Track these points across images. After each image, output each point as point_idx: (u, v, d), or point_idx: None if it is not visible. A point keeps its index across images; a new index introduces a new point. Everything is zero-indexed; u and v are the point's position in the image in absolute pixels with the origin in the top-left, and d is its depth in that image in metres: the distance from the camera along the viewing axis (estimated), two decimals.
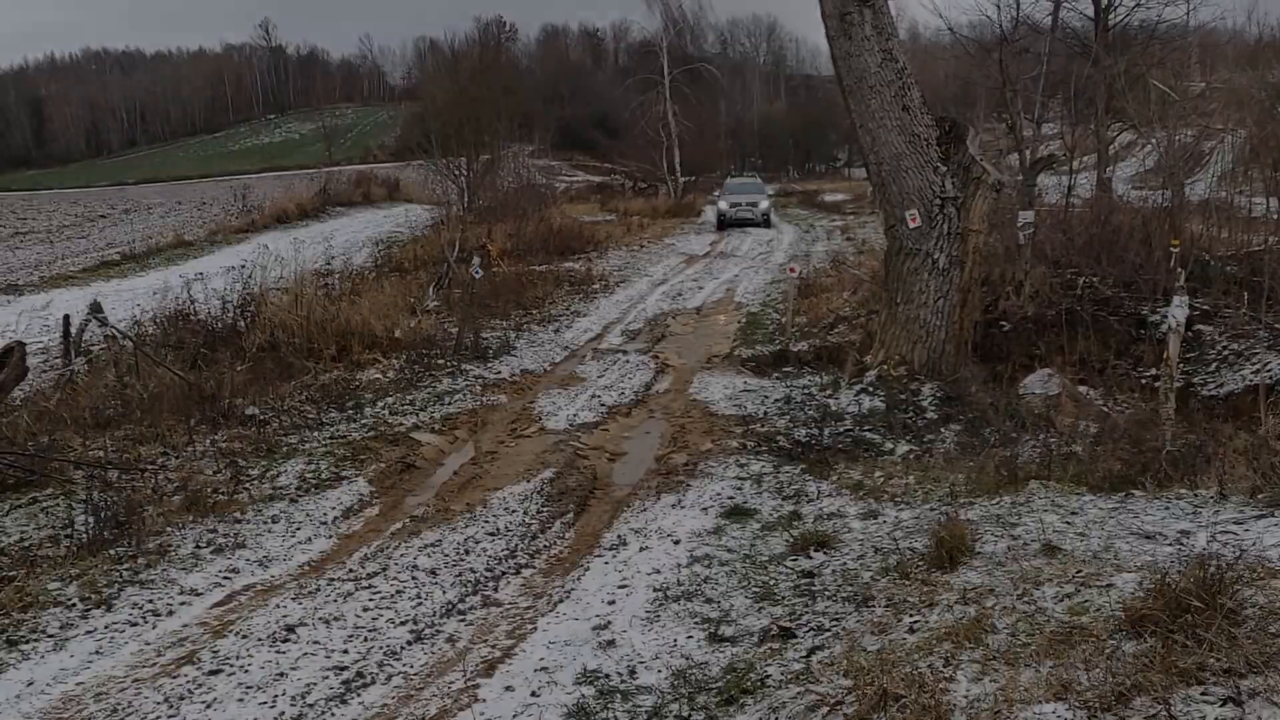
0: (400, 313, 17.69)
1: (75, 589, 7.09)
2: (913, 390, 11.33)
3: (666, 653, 5.39)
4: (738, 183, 43.14)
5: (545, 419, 12.10)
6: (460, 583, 7.06)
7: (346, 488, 9.56)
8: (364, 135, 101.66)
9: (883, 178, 11.56)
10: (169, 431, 11.04)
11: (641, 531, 7.80)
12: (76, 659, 6.15)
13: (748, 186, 41.75)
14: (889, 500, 7.58)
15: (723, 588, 6.23)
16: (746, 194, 39.85)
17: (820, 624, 5.24)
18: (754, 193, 40.26)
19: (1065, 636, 4.05)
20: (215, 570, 7.55)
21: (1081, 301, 15.15)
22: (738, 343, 16.20)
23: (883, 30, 11.26)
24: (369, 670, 5.76)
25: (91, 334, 14.35)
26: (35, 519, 8.54)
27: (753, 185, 42.35)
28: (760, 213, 38.55)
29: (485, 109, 35.85)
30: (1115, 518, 5.90)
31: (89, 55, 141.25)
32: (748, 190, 40.71)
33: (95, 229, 37.71)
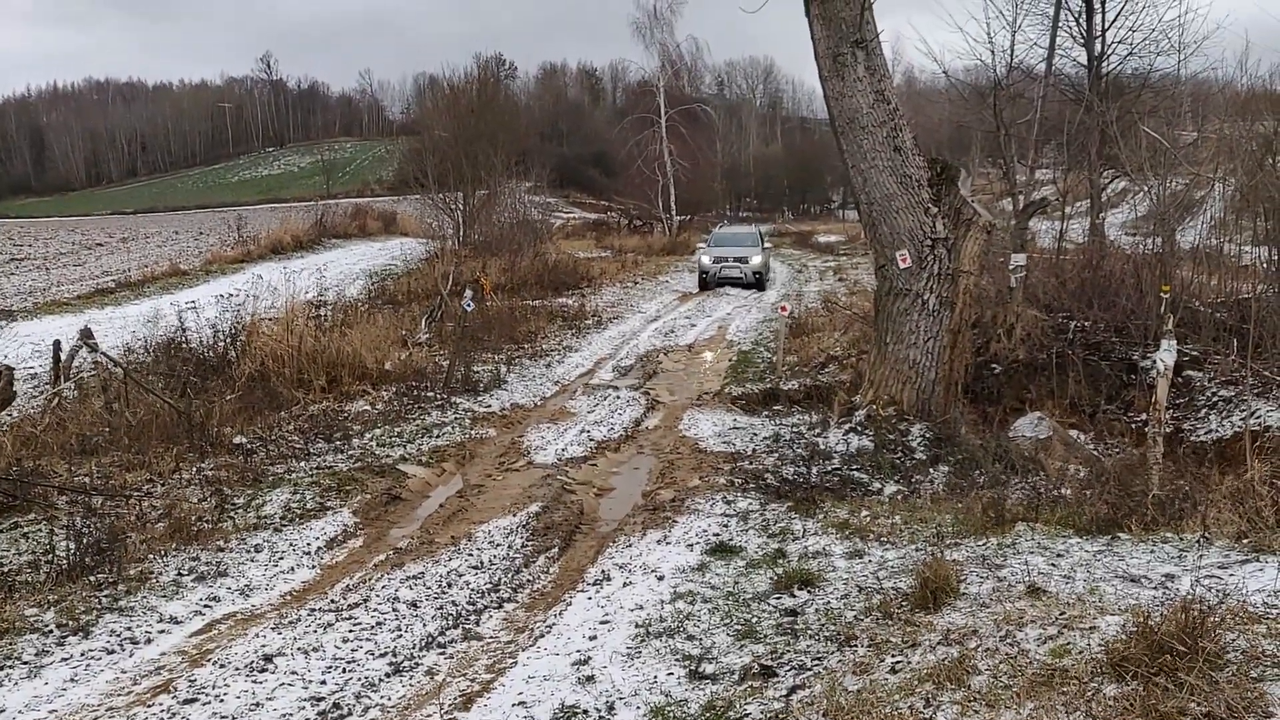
0: (391, 345, 17.66)
1: (53, 615, 7.02)
2: (901, 430, 11.30)
3: (646, 689, 5.34)
4: (728, 232, 36.41)
5: (534, 453, 12.06)
6: (441, 615, 7.00)
7: (331, 518, 9.51)
8: (362, 169, 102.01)
9: (874, 218, 11.59)
10: (156, 459, 10.99)
11: (626, 567, 7.75)
12: (51, 686, 6.07)
13: (739, 237, 34.16)
14: (875, 540, 7.54)
15: (705, 625, 6.18)
16: (736, 246, 32.45)
17: (802, 663, 5.19)
18: (746, 245, 32.66)
19: (1047, 679, 4.01)
20: (196, 598, 7.49)
21: (1072, 345, 15.19)
22: (728, 380, 16.20)
23: (875, 71, 11.33)
24: (346, 702, 5.69)
25: (82, 361, 14.31)
26: (16, 544, 8.47)
27: (746, 236, 34.49)
28: (751, 271, 30.94)
29: (483, 144, 36.01)
30: (1101, 560, 5.87)
31: (91, 85, 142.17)
32: (739, 241, 33.20)
33: (91, 257, 37.70)
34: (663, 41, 52.14)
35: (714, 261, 31.01)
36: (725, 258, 31.19)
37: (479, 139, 36.10)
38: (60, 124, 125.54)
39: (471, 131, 36.59)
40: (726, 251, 31.67)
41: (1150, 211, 22.27)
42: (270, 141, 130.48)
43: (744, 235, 34.47)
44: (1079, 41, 25.61)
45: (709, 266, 30.95)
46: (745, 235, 34.42)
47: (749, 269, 30.81)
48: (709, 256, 31.49)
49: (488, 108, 39.62)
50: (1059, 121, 25.42)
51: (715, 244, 33.10)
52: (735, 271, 30.74)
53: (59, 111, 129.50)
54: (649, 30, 52.07)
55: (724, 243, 33.17)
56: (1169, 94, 25.68)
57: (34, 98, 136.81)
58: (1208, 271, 17.88)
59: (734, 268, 30.80)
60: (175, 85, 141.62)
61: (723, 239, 33.89)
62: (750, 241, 33.00)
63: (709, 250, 32.18)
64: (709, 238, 34.94)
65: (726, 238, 34.14)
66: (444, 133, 37.72)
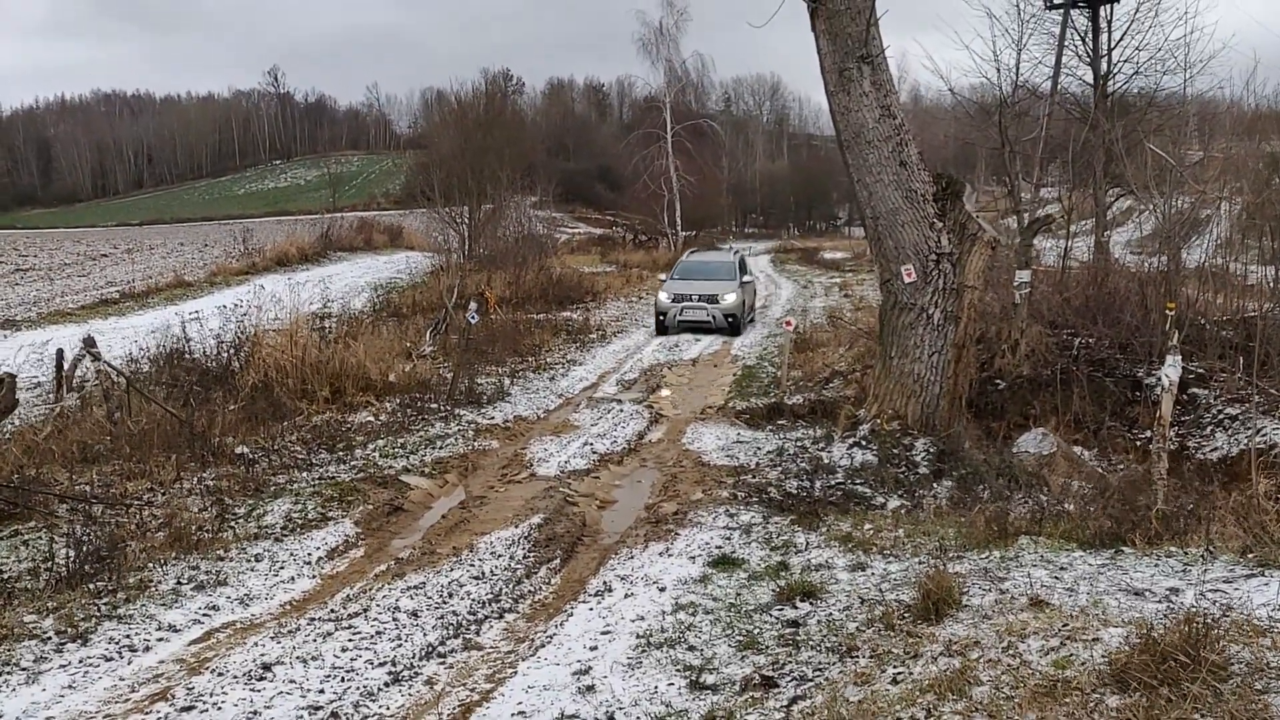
0: (395, 357, 17.69)
1: (52, 622, 7.00)
2: (905, 445, 11.28)
3: (646, 700, 5.30)
4: (696, 261, 27.85)
5: (537, 465, 12.03)
6: (442, 625, 6.97)
7: (332, 528, 9.49)
8: (368, 182, 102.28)
9: (879, 232, 11.58)
10: (157, 468, 10.99)
11: (627, 579, 7.72)
12: (49, 693, 6.05)
13: (710, 268, 26.48)
14: (877, 553, 7.51)
15: (706, 636, 6.14)
16: (704, 280, 25.25)
17: (803, 674, 5.15)
18: (718, 278, 25.34)
19: (1049, 689, 3.98)
20: (195, 607, 7.47)
21: (1077, 362, 15.15)
22: (733, 395, 16.17)
23: (881, 86, 11.34)
24: (344, 711, 5.66)
25: (85, 370, 14.33)
26: (16, 551, 8.47)
27: (719, 266, 26.77)
28: (723, 314, 24.03)
29: (489, 157, 36.07)
30: (1104, 574, 5.84)
31: (99, 97, 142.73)
32: (708, 273, 25.86)
33: (96, 267, 37.79)
34: (668, 58, 52.26)
35: (673, 300, 24.25)
36: (688, 295, 24.25)
37: (485, 152, 36.16)
38: (67, 136, 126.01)
39: (478, 145, 36.66)
40: (690, 288, 24.66)
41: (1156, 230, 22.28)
42: (277, 154, 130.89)
43: (716, 265, 26.91)
44: (1084, 60, 25.65)
45: (666, 306, 24.23)
46: (718, 265, 26.85)
47: (720, 310, 23.91)
48: (667, 293, 24.60)
49: (494, 122, 39.70)
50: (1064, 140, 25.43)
51: (679, 276, 25.94)
52: (700, 314, 23.89)
53: (66, 123, 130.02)
54: (655, 46, 52.19)
55: (690, 274, 25.81)
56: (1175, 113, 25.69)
57: (42, 109, 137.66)
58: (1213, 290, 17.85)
59: (699, 309, 23.92)
60: (183, 98, 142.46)
61: (689, 270, 26.34)
62: (724, 273, 25.69)
63: (669, 285, 25.21)
64: (673, 269, 27.45)
65: (694, 268, 26.46)
66: (450, 146, 37.76)
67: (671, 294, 24.52)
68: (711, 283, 24.87)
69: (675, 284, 25.20)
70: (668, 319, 24.11)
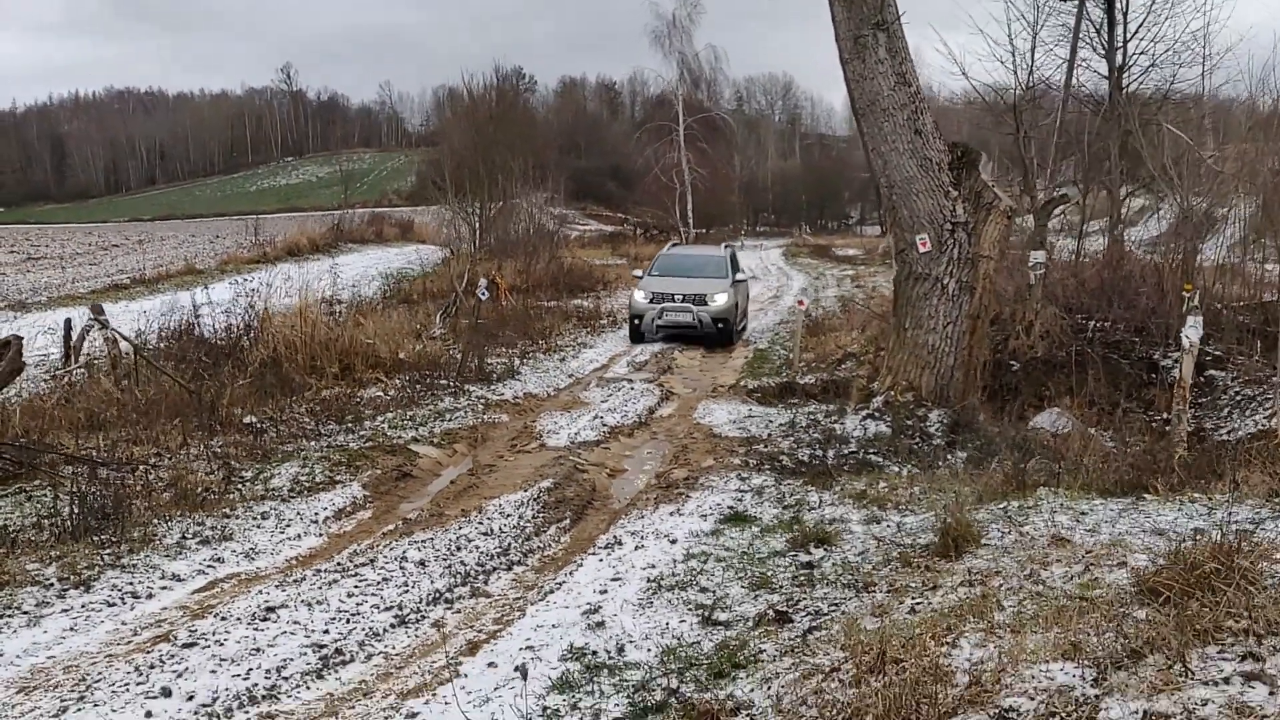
0: (405, 337, 17.58)
1: (54, 570, 6.91)
2: (920, 416, 11.15)
3: (657, 634, 5.20)
4: (679, 254, 23.78)
5: (546, 436, 11.93)
6: (449, 574, 6.87)
7: (340, 491, 9.38)
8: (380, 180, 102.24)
9: (894, 201, 11.46)
10: (164, 435, 10.88)
11: (638, 534, 7.61)
12: (50, 635, 5.97)
13: (697, 263, 22.07)
14: (893, 508, 7.38)
15: (719, 579, 6.03)
16: (689, 277, 20.77)
17: (818, 609, 5.04)
18: (706, 275, 20.97)
19: (1074, 608, 3.85)
20: (200, 559, 7.37)
21: (1092, 344, 15.00)
22: (744, 375, 16.06)
23: (896, 54, 11.21)
24: (349, 649, 5.56)
25: (92, 344, 14.24)
26: (21, 507, 8.36)
27: (708, 261, 22.36)
28: (711, 317, 19.70)
29: (500, 150, 35.98)
30: (1127, 517, 5.71)
31: (112, 94, 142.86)
32: (695, 269, 21.41)
33: (108, 257, 37.79)
34: (681, 50, 52.11)
35: (651, 300, 19.96)
36: (670, 295, 19.87)
37: (497, 145, 36.08)
38: (81, 132, 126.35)
39: (490, 138, 36.58)
40: (673, 286, 20.27)
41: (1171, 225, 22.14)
42: (289, 151, 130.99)
43: (704, 260, 22.46)
44: (1100, 53, 25.40)
45: (642, 308, 19.94)
46: (707, 260, 22.38)
47: (708, 314, 19.57)
48: (644, 292, 20.27)
49: (506, 115, 39.64)
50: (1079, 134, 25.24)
51: (659, 271, 21.57)
52: (684, 317, 19.62)
53: (80, 120, 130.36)
54: (667, 39, 52.05)
55: (672, 270, 21.37)
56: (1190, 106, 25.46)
57: (56, 106, 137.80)
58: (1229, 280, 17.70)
59: (682, 311, 19.62)
60: (196, 95, 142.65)
61: (671, 265, 21.97)
62: (713, 269, 21.31)
63: (645, 283, 20.85)
64: (652, 263, 23.08)
65: (677, 263, 22.03)
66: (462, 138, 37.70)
67: (649, 293, 20.05)
68: (698, 280, 20.43)
69: (654, 281, 20.75)
70: (644, 324, 19.70)
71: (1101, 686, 3.17)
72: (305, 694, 5.06)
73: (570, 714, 4.39)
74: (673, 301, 19.79)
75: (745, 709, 3.95)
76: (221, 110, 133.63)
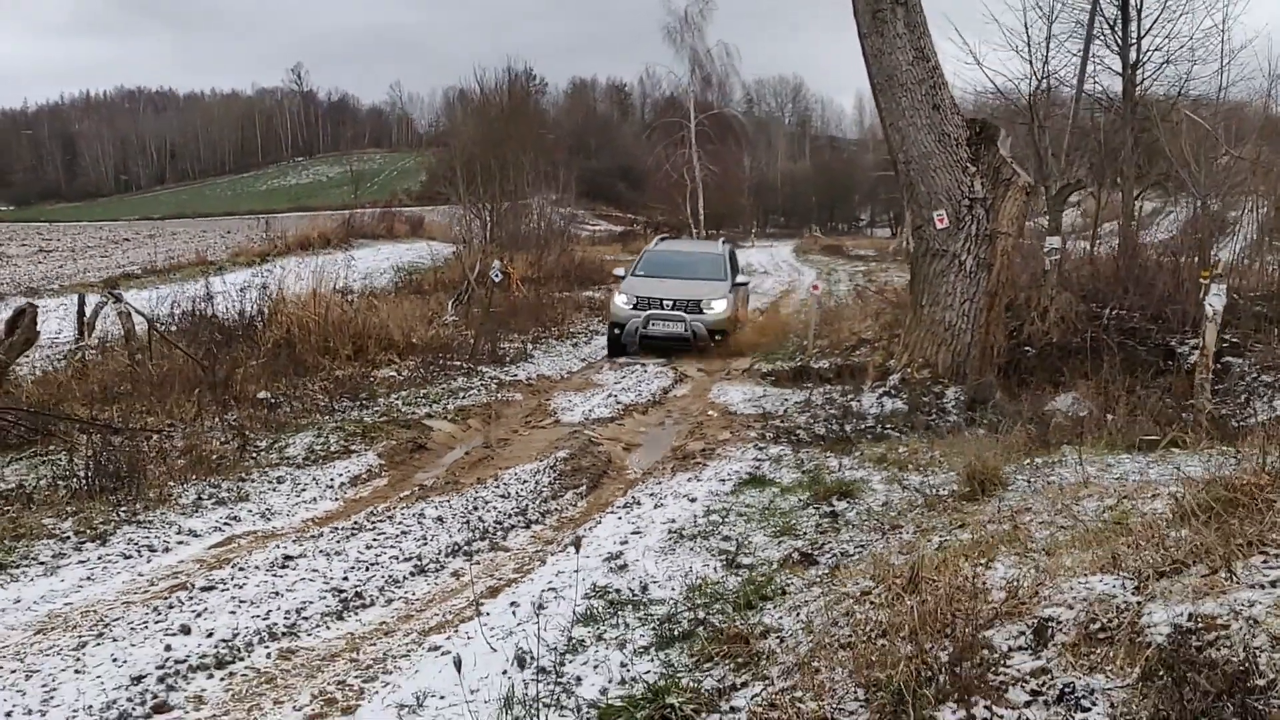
0: (418, 322, 17.55)
1: (71, 524, 6.89)
2: (936, 393, 11.08)
3: (680, 576, 5.15)
4: (668, 251, 19.86)
5: (560, 413, 11.88)
6: (468, 529, 6.83)
7: (355, 459, 9.34)
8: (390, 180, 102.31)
9: (911, 177, 11.39)
10: (177, 407, 10.86)
11: (656, 495, 7.56)
12: (67, 583, 5.94)
13: (691, 261, 18.75)
14: (914, 470, 7.31)
15: (740, 530, 5.98)
16: (683, 278, 17.55)
17: (844, 550, 4.99)
18: (705, 275, 17.89)
19: (1111, 532, 3.79)
20: (216, 517, 7.34)
21: (1108, 330, 14.91)
22: (758, 359, 15.98)
23: (915, 28, 11.16)
24: (368, 594, 5.52)
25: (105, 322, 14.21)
26: (36, 470, 8.35)
27: (703, 259, 18.99)
28: (709, 329, 16.67)
29: (512, 146, 35.95)
30: (1155, 468, 5.64)
31: (123, 94, 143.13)
32: (688, 268, 18.18)
33: (119, 250, 37.87)
34: (693, 46, 52.03)
35: (635, 307, 16.69)
36: (657, 301, 16.66)
37: (508, 140, 36.05)
38: (92, 131, 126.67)
39: (501, 134, 36.55)
40: (661, 289, 16.98)
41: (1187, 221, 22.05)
42: (299, 151, 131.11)
43: (699, 259, 19.06)
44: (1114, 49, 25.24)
45: (624, 315, 16.64)
46: (701, 259, 19.04)
47: (703, 324, 16.51)
48: (626, 297, 16.95)
49: (517, 111, 39.60)
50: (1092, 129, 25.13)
51: (644, 271, 18.17)
52: (674, 327, 16.45)
53: (91, 119, 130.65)
54: (679, 35, 51.98)
55: (661, 270, 18.03)
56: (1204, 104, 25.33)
57: (66, 106, 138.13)
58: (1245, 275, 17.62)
59: (672, 320, 16.48)
60: (206, 94, 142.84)
61: (660, 263, 18.52)
62: (709, 269, 18.17)
63: (628, 285, 17.45)
64: (636, 262, 19.38)
65: (666, 262, 18.57)
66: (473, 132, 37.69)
67: (633, 298, 16.75)
68: (691, 283, 17.22)
69: (638, 283, 17.40)
70: (625, 334, 16.44)
71: (1143, 594, 3.11)
72: (325, 633, 5.02)
73: (596, 644, 4.34)
74: (660, 309, 16.49)
75: (775, 632, 3.90)
76: (232, 110, 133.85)
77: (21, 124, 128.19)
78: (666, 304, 16.67)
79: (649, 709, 3.60)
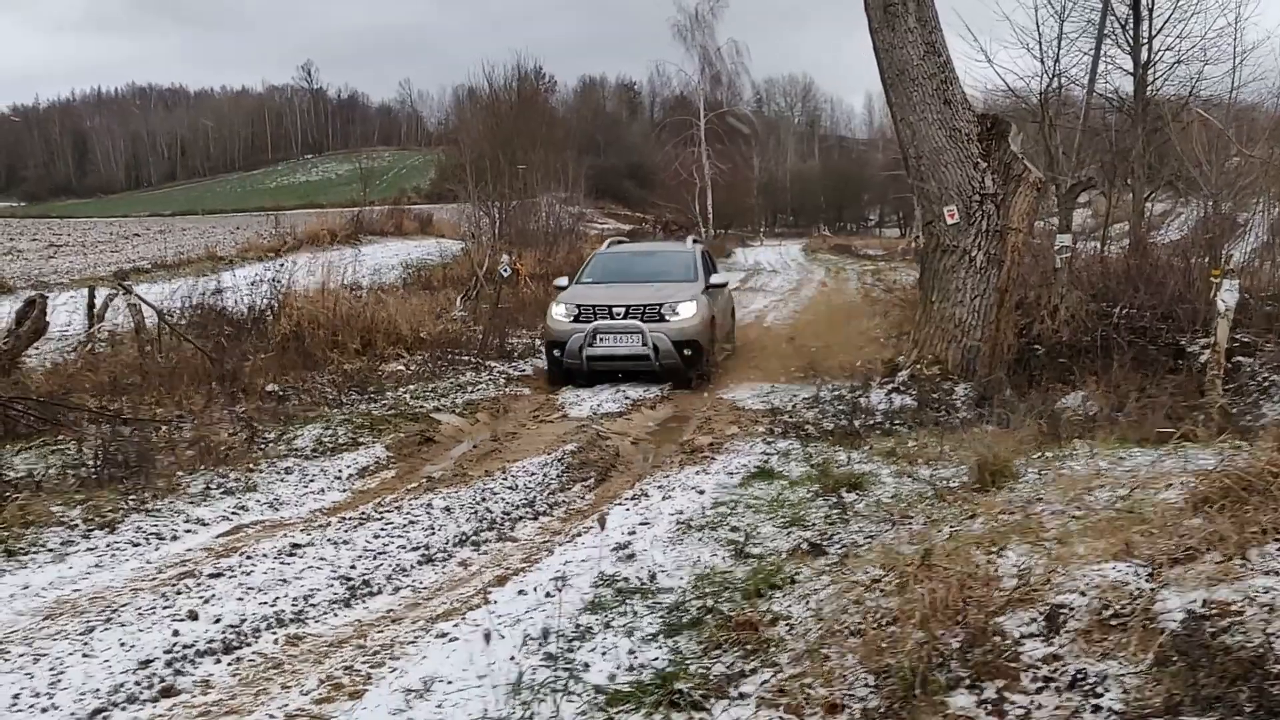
0: (427, 317, 17.57)
1: (79, 512, 6.89)
2: (945, 390, 11.03)
3: (689, 565, 5.13)
4: (626, 253, 16.99)
5: (568, 408, 11.88)
6: (475, 519, 6.82)
7: (363, 451, 9.33)
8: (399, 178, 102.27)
9: (921, 172, 11.36)
10: (186, 399, 10.87)
11: (664, 488, 7.54)
12: (75, 570, 5.95)
13: (652, 264, 15.61)
14: (924, 463, 7.29)
15: (749, 521, 5.96)
16: (639, 282, 14.32)
17: (853, 540, 4.97)
18: (668, 277, 14.52)
19: (1124, 521, 3.77)
20: (224, 507, 7.35)
21: (1118, 329, 14.86)
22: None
23: (926, 22, 11.12)
24: (376, 582, 5.52)
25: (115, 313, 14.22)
26: (45, 459, 8.35)
27: (668, 259, 15.71)
28: (674, 341, 12.98)
29: (522, 142, 35.99)
30: (1168, 460, 5.60)
31: (134, 90, 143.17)
32: (648, 272, 14.95)
33: (129, 245, 37.95)
34: (703, 44, 52.12)
35: (576, 319, 13.37)
36: (605, 310, 13.32)
37: (518, 137, 36.09)
38: (103, 128, 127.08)
39: (509, 131, 36.59)
40: (611, 296, 13.70)
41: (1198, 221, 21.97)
42: (309, 149, 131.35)
43: (661, 259, 15.89)
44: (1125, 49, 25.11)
45: (563, 331, 13.32)
46: (665, 258, 15.86)
47: (667, 336, 12.96)
48: (566, 308, 13.60)
49: (526, 108, 39.64)
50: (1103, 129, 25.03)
51: (591, 278, 14.98)
52: (628, 342, 13.04)
53: (102, 116, 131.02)
54: (690, 33, 52.09)
55: (613, 275, 14.92)
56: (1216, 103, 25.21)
57: (78, 102, 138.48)
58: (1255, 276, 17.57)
59: (626, 333, 13.06)
60: (216, 92, 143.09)
61: (612, 267, 15.37)
62: (675, 270, 14.79)
63: (570, 295, 14.04)
64: (583, 267, 15.97)
65: (619, 265, 15.54)
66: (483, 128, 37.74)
67: (573, 307, 13.37)
68: (651, 287, 13.79)
69: (582, 292, 14.05)
70: (567, 355, 13.03)
71: (1157, 580, 3.09)
72: (333, 620, 5.01)
73: (604, 632, 4.33)
74: (610, 319, 13.00)
75: (784, 619, 3.89)
76: (242, 107, 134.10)
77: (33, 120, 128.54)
78: (618, 312, 13.01)
79: (657, 694, 3.59)
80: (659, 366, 12.91)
